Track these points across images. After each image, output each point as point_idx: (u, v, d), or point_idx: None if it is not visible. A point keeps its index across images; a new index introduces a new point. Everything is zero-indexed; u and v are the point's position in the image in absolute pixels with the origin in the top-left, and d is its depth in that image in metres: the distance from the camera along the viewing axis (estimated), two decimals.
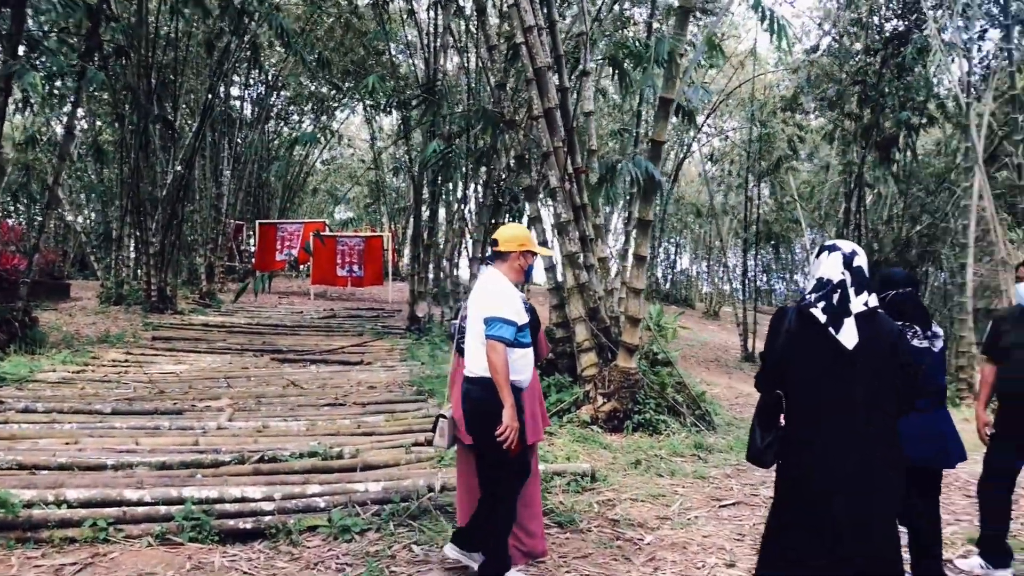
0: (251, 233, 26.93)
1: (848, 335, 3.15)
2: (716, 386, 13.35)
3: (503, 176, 16.13)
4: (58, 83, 16.49)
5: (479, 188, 17.24)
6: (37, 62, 13.32)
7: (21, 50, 12.78)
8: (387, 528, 5.17)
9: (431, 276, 17.83)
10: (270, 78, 25.36)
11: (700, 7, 14.89)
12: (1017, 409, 4.65)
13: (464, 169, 14.50)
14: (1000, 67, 16.14)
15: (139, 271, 18.40)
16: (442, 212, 18.22)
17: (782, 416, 3.39)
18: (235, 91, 25.52)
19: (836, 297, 3.21)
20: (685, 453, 7.59)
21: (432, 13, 17.19)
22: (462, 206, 18.97)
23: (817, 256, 3.42)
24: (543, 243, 9.52)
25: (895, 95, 18.10)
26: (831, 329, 3.17)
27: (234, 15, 15.10)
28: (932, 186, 21.77)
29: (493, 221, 16.81)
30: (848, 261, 3.27)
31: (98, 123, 23.66)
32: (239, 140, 25.08)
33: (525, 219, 19.94)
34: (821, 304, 3.22)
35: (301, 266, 26.57)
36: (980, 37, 17.42)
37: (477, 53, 16.23)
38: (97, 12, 13.88)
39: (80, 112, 18.47)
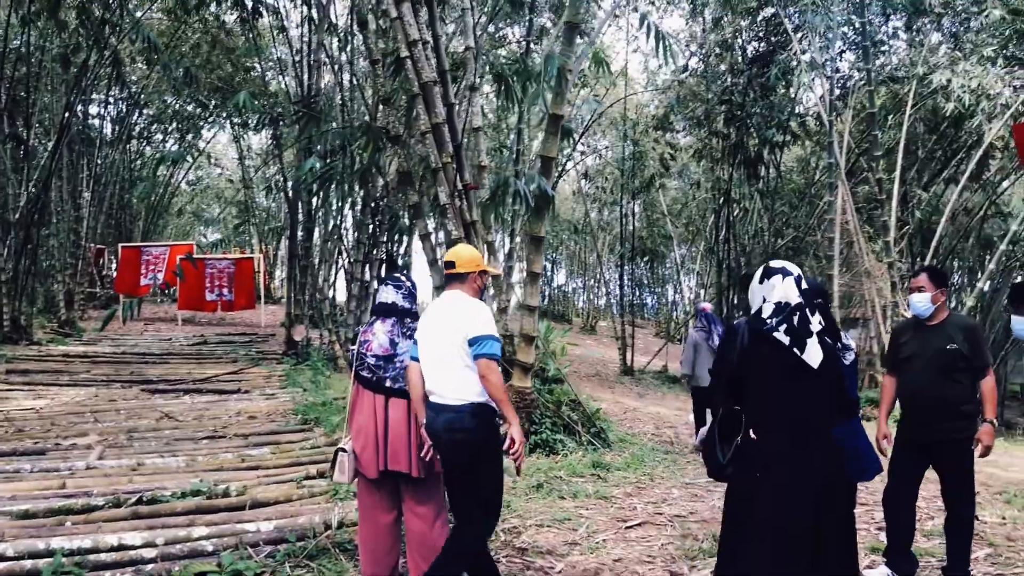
0: (112, 257, 25.59)
1: (813, 354, 3.34)
2: (602, 401, 13.35)
3: (383, 194, 15.80)
4: None
5: (357, 206, 16.85)
6: None
7: None
8: (283, 571, 4.80)
9: (307, 298, 17.27)
10: (133, 94, 24.18)
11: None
12: (919, 417, 4.71)
13: (343, 187, 14.12)
14: (858, 86, 16.95)
15: None
16: (317, 232, 17.75)
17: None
18: (94, 109, 24.30)
19: (796, 319, 3.37)
20: (584, 473, 7.47)
21: (305, 29, 16.77)
22: (339, 225, 18.55)
23: (766, 279, 3.53)
24: (433, 262, 9.29)
25: (760, 114, 18.76)
26: (795, 350, 3.33)
27: (96, 27, 14.26)
28: (795, 201, 22.73)
29: (372, 240, 16.46)
30: (799, 284, 3.45)
31: None
32: (99, 160, 23.78)
33: (406, 237, 19.72)
34: (783, 327, 3.37)
35: (171, 289, 25.35)
36: (839, 58, 18.30)
37: (352, 70, 15.92)
38: None
39: None
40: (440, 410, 4.07)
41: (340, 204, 17.29)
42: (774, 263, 3.60)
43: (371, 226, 16.41)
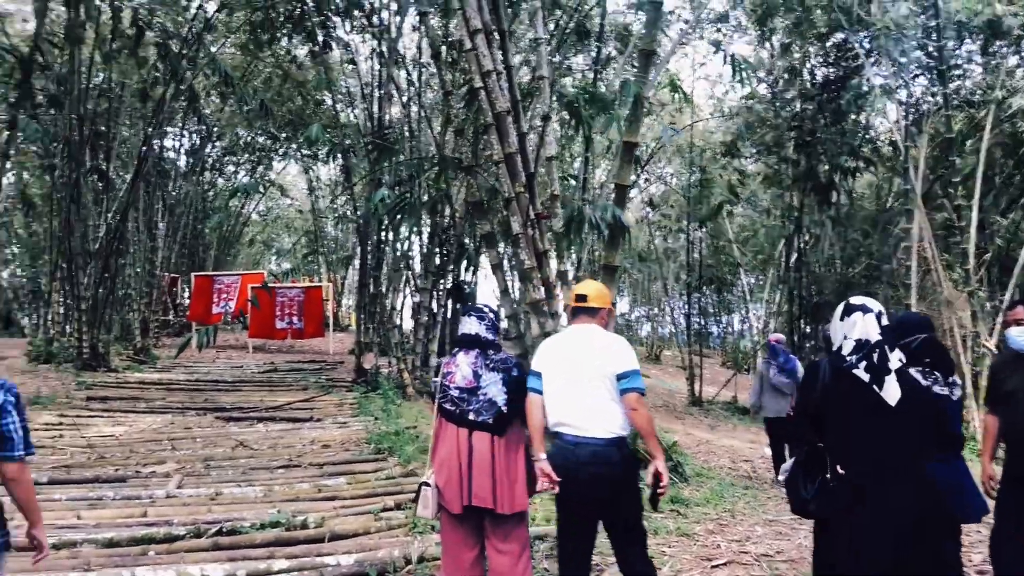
0: (186, 286, 26.17)
1: (891, 391, 3.30)
2: (674, 433, 13.11)
3: (451, 224, 15.88)
4: None
5: (424, 236, 16.99)
6: None
7: None
8: None
9: (376, 326, 17.39)
10: (207, 127, 24.81)
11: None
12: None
13: (413, 217, 14.25)
14: (933, 111, 16.56)
15: (68, 327, 17.59)
16: (385, 261, 17.91)
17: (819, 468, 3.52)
18: (169, 142, 24.99)
19: (876, 356, 3.35)
20: (664, 508, 7.28)
21: (374, 63, 17.05)
22: (407, 254, 18.69)
23: (847, 315, 3.53)
24: (505, 291, 9.26)
25: (831, 140, 18.45)
26: (874, 387, 3.31)
27: (173, 63, 14.72)
28: (867, 228, 22.23)
29: (440, 270, 16.53)
30: (879, 320, 3.45)
31: (25, 175, 22.83)
32: (173, 192, 24.41)
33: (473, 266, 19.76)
34: (863, 364, 3.36)
35: (242, 316, 25.81)
36: (912, 82, 17.93)
37: (420, 101, 16.09)
38: (28, 61, 13.41)
39: (7, 164, 17.78)
40: (579, 444, 4.03)
41: (409, 234, 17.44)
42: (854, 299, 3.61)
43: (438, 255, 16.49)
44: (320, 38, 15.93)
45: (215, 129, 25.18)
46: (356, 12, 15.37)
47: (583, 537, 4.20)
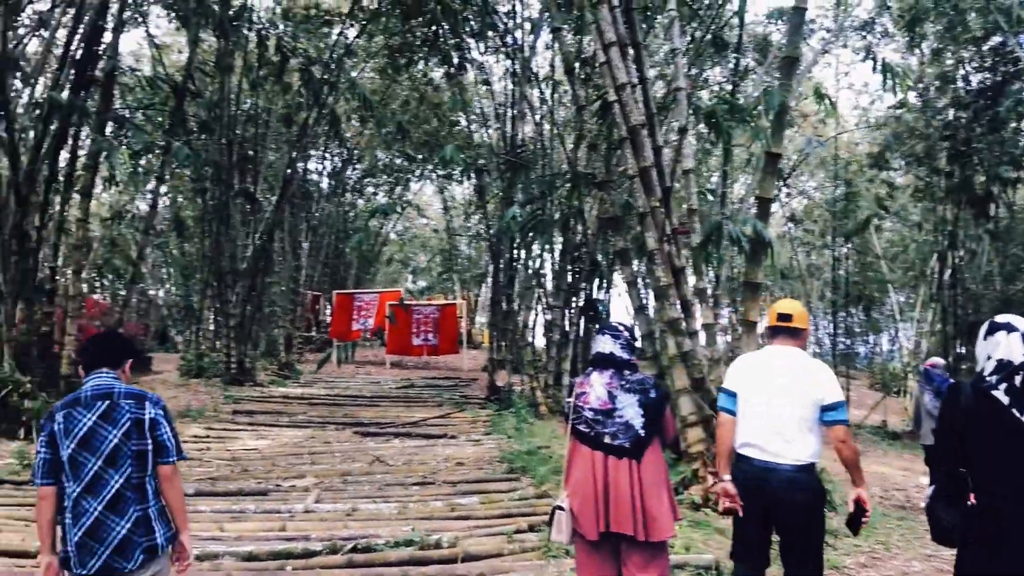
0: (327, 304, 27.01)
1: None
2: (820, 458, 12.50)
3: (583, 240, 15.75)
4: (142, 160, 16.85)
5: (556, 254, 16.93)
6: (123, 139, 13.55)
7: (108, 128, 13.03)
8: None
9: (508, 344, 17.42)
10: (348, 150, 25.65)
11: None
12: None
13: (546, 234, 14.20)
14: None
15: (218, 343, 18.41)
16: (517, 279, 17.96)
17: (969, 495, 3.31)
18: (312, 165, 25.93)
19: (1019, 379, 3.14)
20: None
21: (507, 83, 17.19)
22: (539, 272, 18.67)
23: (991, 334, 3.33)
24: (640, 308, 9.03)
25: (988, 149, 17.36)
26: (1014, 411, 3.11)
27: (317, 87, 15.27)
28: None
29: (571, 287, 16.42)
30: None
31: (179, 198, 24.13)
32: (316, 212, 25.29)
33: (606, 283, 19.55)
34: (1003, 386, 3.16)
35: (382, 333, 26.48)
36: None
37: (552, 118, 16.08)
38: (181, 89, 14.13)
39: (162, 188, 18.82)
40: (771, 469, 3.96)
41: (541, 251, 17.43)
42: (999, 318, 3.37)
43: (570, 273, 16.39)
44: (455, 60, 16.18)
45: (355, 152, 25.97)
46: (490, 33, 15.53)
47: (762, 558, 4.12)
